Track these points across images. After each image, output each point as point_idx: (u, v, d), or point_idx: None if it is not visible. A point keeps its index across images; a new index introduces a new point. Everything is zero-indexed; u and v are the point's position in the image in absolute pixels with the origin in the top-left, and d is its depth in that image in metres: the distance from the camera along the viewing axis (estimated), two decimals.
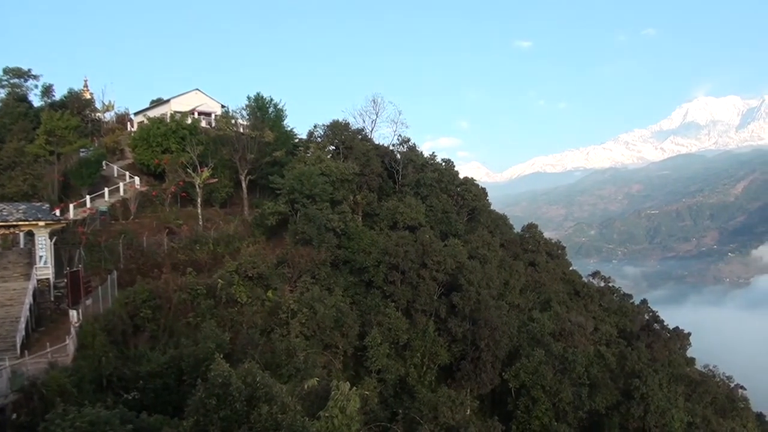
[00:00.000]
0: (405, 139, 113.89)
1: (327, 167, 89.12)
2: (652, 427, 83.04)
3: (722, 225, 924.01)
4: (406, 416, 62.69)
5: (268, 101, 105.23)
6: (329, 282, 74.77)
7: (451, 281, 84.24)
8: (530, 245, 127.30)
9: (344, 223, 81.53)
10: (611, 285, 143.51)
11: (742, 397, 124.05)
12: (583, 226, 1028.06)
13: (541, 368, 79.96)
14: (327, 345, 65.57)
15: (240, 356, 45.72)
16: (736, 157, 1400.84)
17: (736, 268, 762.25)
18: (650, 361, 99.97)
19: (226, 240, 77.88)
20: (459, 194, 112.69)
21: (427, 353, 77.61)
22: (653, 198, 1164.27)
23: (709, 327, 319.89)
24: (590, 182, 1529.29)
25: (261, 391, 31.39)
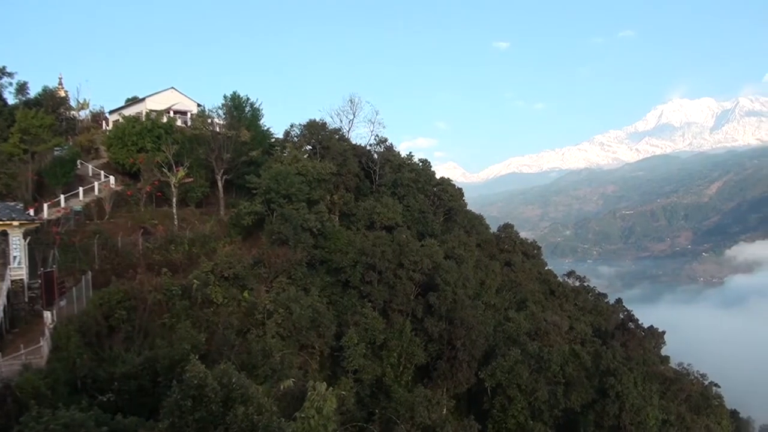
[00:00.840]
0: (382, 139, 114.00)
1: (303, 167, 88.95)
2: (627, 425, 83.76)
3: (696, 225, 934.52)
4: (382, 416, 62.80)
5: (244, 100, 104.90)
6: (306, 282, 74.57)
7: (428, 281, 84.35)
8: (506, 245, 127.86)
9: (321, 223, 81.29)
10: (586, 284, 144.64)
11: (716, 395, 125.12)
12: (559, 226, 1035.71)
13: (517, 367, 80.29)
14: (303, 345, 65.45)
15: (216, 357, 45.64)
16: (710, 159, 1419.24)
17: (710, 267, 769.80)
18: (625, 360, 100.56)
19: (202, 240, 77.48)
20: (436, 194, 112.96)
21: (404, 353, 77.58)
22: (628, 198, 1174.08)
23: (684, 326, 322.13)
24: (566, 183, 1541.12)
25: (237, 392, 31.28)
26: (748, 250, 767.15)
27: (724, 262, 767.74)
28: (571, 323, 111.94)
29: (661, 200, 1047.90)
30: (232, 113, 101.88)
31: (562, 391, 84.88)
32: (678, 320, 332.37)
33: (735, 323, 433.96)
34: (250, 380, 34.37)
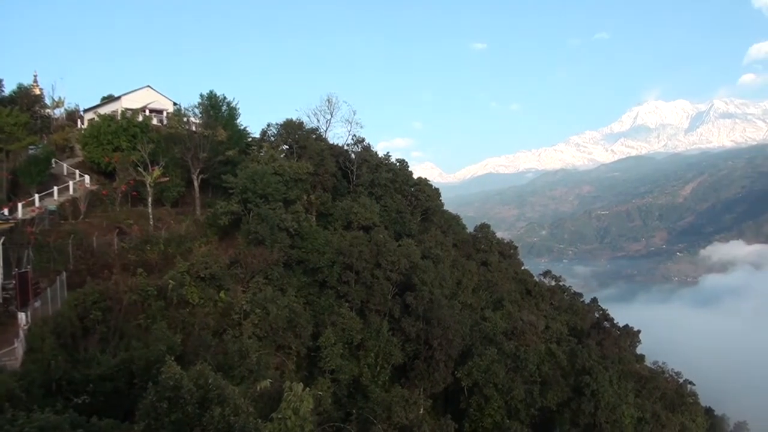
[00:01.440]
0: (360, 139, 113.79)
1: (280, 167, 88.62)
2: (603, 423, 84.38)
3: (671, 225, 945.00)
4: (359, 416, 62.82)
5: (221, 99, 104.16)
6: (282, 282, 74.35)
7: (405, 281, 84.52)
8: (483, 245, 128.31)
9: (298, 222, 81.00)
10: (562, 284, 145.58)
11: (690, 393, 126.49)
12: (535, 226, 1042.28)
13: (494, 367, 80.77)
14: (280, 346, 65.28)
15: (192, 358, 45.26)
16: (685, 160, 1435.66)
17: (685, 267, 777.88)
18: (600, 358, 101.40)
19: (178, 240, 77.02)
20: (413, 194, 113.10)
21: (381, 353, 77.60)
22: (603, 199, 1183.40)
23: (659, 325, 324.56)
24: (542, 183, 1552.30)
25: (213, 393, 31.12)
26: (722, 250, 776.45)
27: (699, 262, 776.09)
28: (547, 322, 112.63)
29: (636, 201, 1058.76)
30: (209, 112, 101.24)
31: (538, 389, 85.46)
32: (653, 319, 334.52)
33: (709, 322, 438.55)
34: (226, 381, 34.22)
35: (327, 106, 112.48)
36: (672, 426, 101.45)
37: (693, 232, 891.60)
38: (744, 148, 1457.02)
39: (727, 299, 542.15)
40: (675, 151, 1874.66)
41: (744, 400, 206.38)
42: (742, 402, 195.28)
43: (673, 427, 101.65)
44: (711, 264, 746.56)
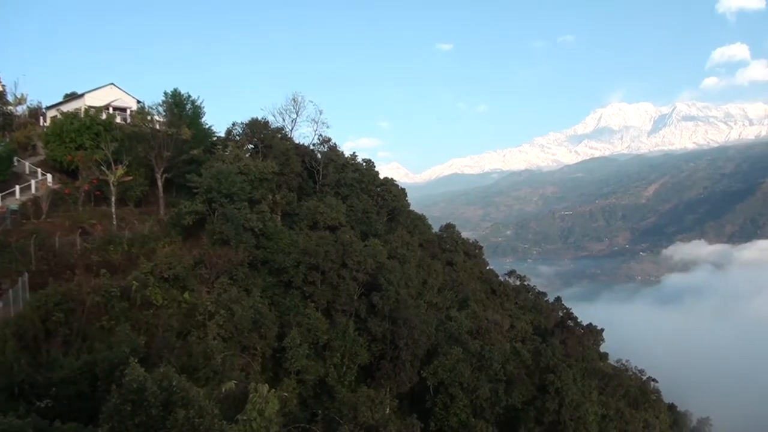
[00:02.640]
0: (326, 139, 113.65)
1: (245, 166, 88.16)
2: (567, 421, 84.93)
3: (634, 225, 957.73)
4: (325, 417, 62.54)
5: (185, 97, 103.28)
6: (247, 283, 73.98)
7: (371, 281, 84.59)
8: (448, 245, 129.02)
9: (263, 222, 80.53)
10: (526, 283, 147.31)
11: (654, 390, 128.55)
12: (500, 226, 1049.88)
13: (459, 366, 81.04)
14: (245, 347, 64.92)
15: (156, 360, 44.81)
16: (648, 161, 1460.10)
17: (647, 266, 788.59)
18: (564, 357, 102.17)
19: (141, 240, 76.14)
20: (379, 194, 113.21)
21: (347, 353, 77.55)
22: (567, 199, 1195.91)
23: (622, 323, 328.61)
24: (506, 184, 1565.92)
25: (177, 395, 30.87)
26: (684, 250, 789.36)
27: (661, 262, 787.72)
28: (512, 321, 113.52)
29: (599, 201, 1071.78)
30: (173, 110, 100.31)
31: (503, 388, 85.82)
32: (616, 318, 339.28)
33: (671, 321, 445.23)
34: (190, 383, 33.93)
35: (293, 105, 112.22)
36: (635, 422, 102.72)
37: (655, 232, 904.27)
38: (706, 150, 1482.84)
39: (688, 298, 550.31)
40: (638, 153, 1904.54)
41: (706, 396, 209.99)
42: (704, 398, 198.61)
43: (636, 423, 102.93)
44: (673, 264, 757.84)
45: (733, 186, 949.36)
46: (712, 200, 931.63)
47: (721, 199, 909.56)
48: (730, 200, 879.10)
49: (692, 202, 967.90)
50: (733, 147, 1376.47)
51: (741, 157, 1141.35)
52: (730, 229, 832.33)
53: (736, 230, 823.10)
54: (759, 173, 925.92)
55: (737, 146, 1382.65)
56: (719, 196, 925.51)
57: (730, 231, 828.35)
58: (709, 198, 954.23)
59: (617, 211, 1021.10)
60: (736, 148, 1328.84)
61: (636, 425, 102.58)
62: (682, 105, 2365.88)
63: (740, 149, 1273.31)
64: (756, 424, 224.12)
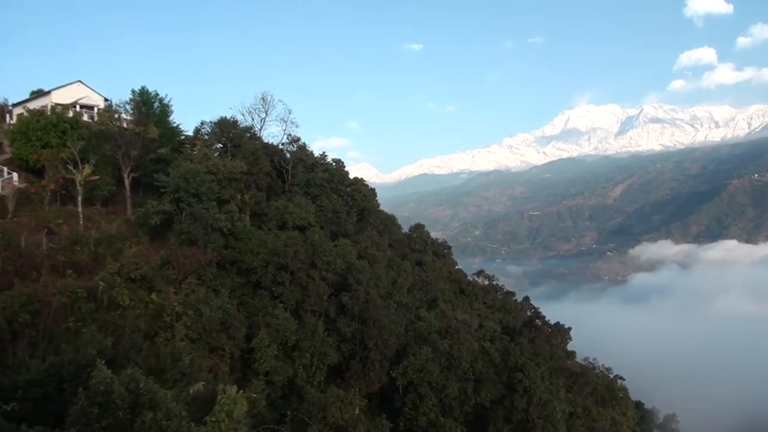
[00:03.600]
0: (295, 139, 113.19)
1: (214, 165, 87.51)
2: (535, 419, 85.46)
3: (601, 226, 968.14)
4: (294, 417, 62.33)
5: (153, 96, 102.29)
6: (215, 283, 73.56)
7: (341, 281, 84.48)
8: (417, 245, 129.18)
9: (231, 222, 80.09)
10: (495, 283, 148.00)
11: (621, 387, 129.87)
12: (469, 226, 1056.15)
13: (428, 365, 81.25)
14: (213, 348, 64.61)
15: (123, 362, 44.44)
16: (615, 162, 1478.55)
17: (614, 266, 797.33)
18: (532, 356, 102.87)
19: (108, 240, 75.42)
20: (349, 194, 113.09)
21: (316, 353, 77.32)
22: (535, 200, 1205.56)
23: (589, 322, 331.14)
24: (475, 184, 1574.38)
25: (145, 397, 30.66)
26: (650, 250, 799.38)
27: (628, 261, 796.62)
28: (481, 321, 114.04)
29: (567, 201, 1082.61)
30: (141, 109, 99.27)
31: (472, 387, 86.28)
32: (583, 317, 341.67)
33: (638, 319, 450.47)
34: (158, 385, 33.74)
35: (262, 104, 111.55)
36: (603, 420, 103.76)
37: (622, 232, 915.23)
38: (672, 152, 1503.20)
39: (654, 297, 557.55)
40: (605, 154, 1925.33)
41: (672, 394, 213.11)
42: (670, 395, 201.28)
43: (604, 421, 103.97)
44: (639, 263, 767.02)
45: (698, 187, 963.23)
46: (678, 201, 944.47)
47: (687, 199, 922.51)
48: (695, 201, 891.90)
49: (659, 202, 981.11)
50: (699, 149, 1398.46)
51: (707, 159, 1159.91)
52: (696, 229, 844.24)
53: (702, 230, 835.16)
54: (724, 174, 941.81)
55: (703, 148, 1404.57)
56: (685, 197, 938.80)
57: (695, 231, 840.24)
58: (675, 199, 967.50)
59: (584, 211, 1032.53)
60: (702, 149, 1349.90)
61: (603, 422, 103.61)
62: (649, 107, 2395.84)
63: (706, 151, 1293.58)
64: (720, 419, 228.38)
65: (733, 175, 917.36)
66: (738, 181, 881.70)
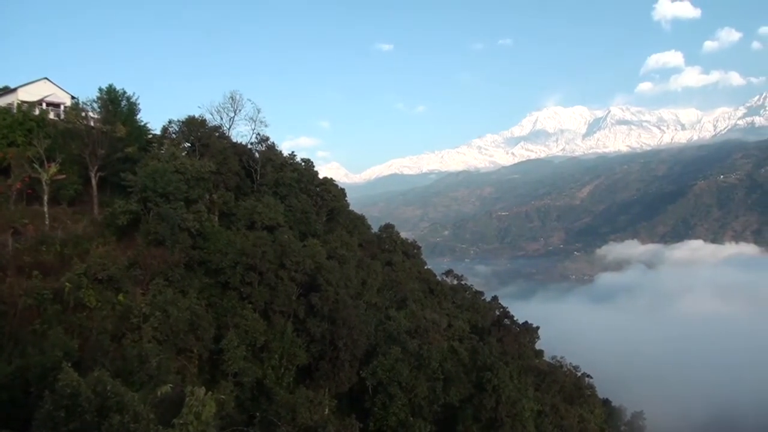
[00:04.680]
0: (264, 138, 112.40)
1: (182, 165, 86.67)
2: (504, 417, 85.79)
3: (568, 226, 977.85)
4: (263, 419, 62.15)
5: (120, 94, 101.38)
6: (183, 284, 72.99)
7: (310, 282, 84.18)
8: (387, 245, 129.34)
9: (199, 222, 79.60)
10: (464, 283, 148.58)
11: (588, 385, 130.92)
12: (438, 226, 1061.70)
13: (398, 365, 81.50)
14: (181, 349, 64.18)
15: (90, 364, 44.00)
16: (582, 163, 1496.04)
17: (582, 265, 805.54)
18: (501, 355, 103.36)
19: (75, 240, 74.56)
20: (318, 194, 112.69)
21: (286, 354, 77.08)
22: (504, 200, 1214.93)
23: (557, 321, 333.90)
24: (445, 184, 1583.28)
25: (112, 400, 30.40)
26: (617, 250, 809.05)
27: (595, 261, 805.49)
28: (450, 321, 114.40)
29: (535, 202, 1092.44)
30: (108, 107, 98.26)
31: (441, 386, 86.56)
32: (551, 316, 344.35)
33: (605, 318, 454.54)
34: (125, 387, 33.47)
35: (230, 103, 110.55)
36: (571, 418, 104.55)
37: (589, 232, 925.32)
38: (639, 153, 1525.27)
39: (621, 296, 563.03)
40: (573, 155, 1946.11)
41: (638, 391, 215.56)
42: (636, 393, 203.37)
43: (571, 418, 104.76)
44: (606, 263, 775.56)
45: (665, 188, 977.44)
46: (645, 201, 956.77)
47: (653, 200, 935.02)
48: (662, 202, 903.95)
49: (625, 203, 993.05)
50: (666, 150, 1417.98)
51: (673, 160, 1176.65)
52: (662, 229, 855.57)
53: (668, 230, 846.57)
54: (690, 176, 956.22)
55: (669, 150, 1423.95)
56: (652, 198, 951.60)
57: (662, 231, 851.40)
58: (641, 199, 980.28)
59: (552, 211, 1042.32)
60: (669, 151, 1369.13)
61: (571, 420, 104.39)
62: (616, 109, 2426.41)
63: (672, 153, 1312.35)
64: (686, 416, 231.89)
65: (698, 176, 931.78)
66: (704, 182, 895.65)
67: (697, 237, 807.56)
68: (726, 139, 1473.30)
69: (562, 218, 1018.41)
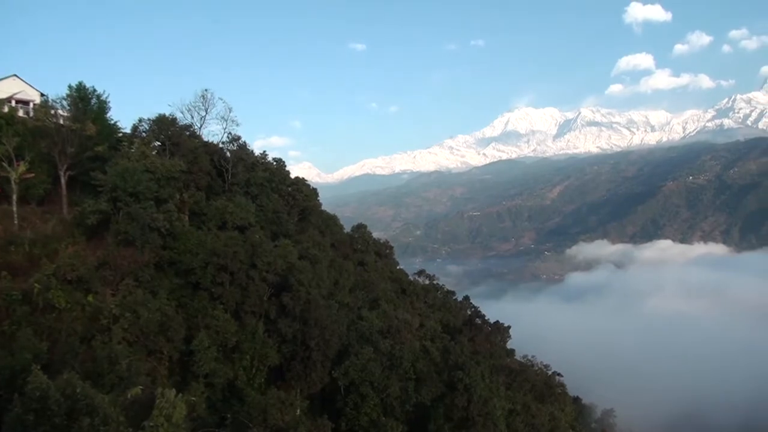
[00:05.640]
0: (235, 137, 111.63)
1: (152, 164, 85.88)
2: (476, 416, 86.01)
3: (539, 226, 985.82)
4: (234, 420, 62.00)
5: (90, 91, 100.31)
6: (153, 284, 72.34)
7: (282, 282, 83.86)
8: (360, 245, 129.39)
9: (170, 222, 78.77)
10: (436, 283, 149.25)
11: (559, 384, 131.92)
12: (410, 226, 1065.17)
13: (370, 365, 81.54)
14: (151, 351, 63.67)
15: (59, 366, 43.51)
16: (553, 164, 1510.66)
17: (552, 265, 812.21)
18: (473, 354, 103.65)
19: (44, 241, 73.68)
20: (290, 194, 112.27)
21: (257, 355, 76.77)
22: (475, 200, 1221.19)
23: (528, 320, 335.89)
24: (417, 185, 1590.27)
25: (82, 403, 30.12)
26: (587, 249, 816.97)
27: (565, 261, 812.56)
28: (422, 320, 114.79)
29: (506, 202, 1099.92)
30: (78, 105, 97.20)
31: (413, 386, 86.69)
32: (522, 315, 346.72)
33: (575, 317, 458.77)
34: (95, 390, 33.18)
35: (201, 102, 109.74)
36: (542, 416, 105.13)
37: (560, 232, 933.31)
38: (609, 154, 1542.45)
39: (590, 296, 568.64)
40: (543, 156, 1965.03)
41: (608, 389, 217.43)
42: (607, 390, 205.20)
43: (542, 417, 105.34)
44: (576, 263, 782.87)
45: (634, 189, 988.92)
46: (615, 202, 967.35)
47: (623, 201, 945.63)
48: (631, 202, 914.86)
49: (595, 203, 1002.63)
50: (636, 152, 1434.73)
51: (642, 162, 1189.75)
52: (632, 229, 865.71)
53: (637, 231, 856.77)
54: (659, 177, 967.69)
55: (639, 151, 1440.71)
56: (621, 198, 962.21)
57: (631, 231, 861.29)
58: (611, 200, 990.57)
59: (523, 212, 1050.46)
60: (638, 152, 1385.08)
61: (542, 418, 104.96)
62: (586, 111, 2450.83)
63: (642, 154, 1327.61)
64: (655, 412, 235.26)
65: (668, 177, 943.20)
66: (673, 183, 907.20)
67: (666, 237, 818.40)
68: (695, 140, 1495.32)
69: (533, 218, 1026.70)
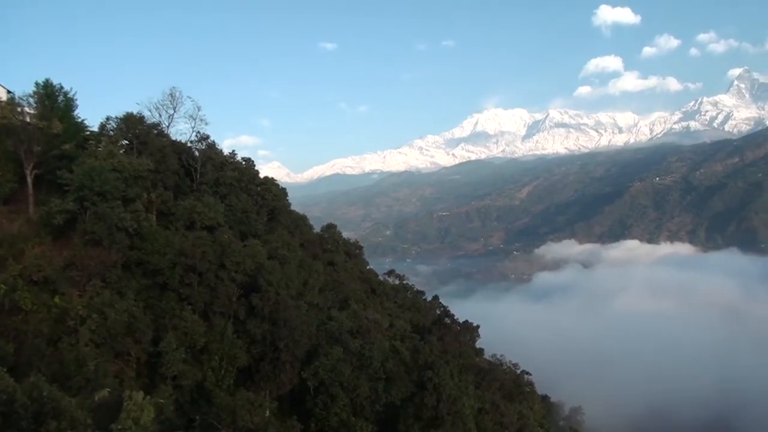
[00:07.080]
0: (204, 136, 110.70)
1: (119, 163, 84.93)
2: (445, 415, 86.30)
3: (508, 226, 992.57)
4: (203, 422, 61.75)
5: (57, 89, 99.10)
6: (121, 285, 71.62)
7: (251, 282, 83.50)
8: (329, 245, 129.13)
9: (137, 222, 77.96)
10: (405, 282, 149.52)
11: (527, 382, 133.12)
12: (380, 226, 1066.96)
13: (339, 365, 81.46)
14: (119, 352, 63.19)
15: (25, 369, 43.06)
16: (522, 165, 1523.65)
17: (521, 265, 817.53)
18: (442, 353, 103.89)
19: (10, 241, 72.59)
20: (259, 194, 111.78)
21: (226, 356, 76.41)
22: (444, 200, 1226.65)
23: (496, 319, 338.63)
24: (387, 185, 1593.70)
25: (48, 406, 29.78)
26: (555, 249, 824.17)
27: (533, 260, 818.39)
28: (392, 320, 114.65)
29: (475, 202, 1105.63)
30: (44, 102, 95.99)
31: (382, 386, 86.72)
32: (491, 314, 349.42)
33: (543, 316, 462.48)
34: (62, 392, 32.84)
35: (170, 100, 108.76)
36: (510, 414, 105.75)
37: (528, 232, 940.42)
38: (577, 155, 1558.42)
39: (558, 295, 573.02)
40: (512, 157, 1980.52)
41: (576, 387, 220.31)
42: (574, 389, 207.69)
43: (511, 415, 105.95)
44: (544, 262, 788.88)
45: (602, 189, 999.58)
46: (583, 202, 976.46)
47: (590, 201, 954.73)
48: (599, 203, 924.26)
49: (563, 204, 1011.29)
50: (603, 153, 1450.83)
51: (610, 162, 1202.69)
52: (599, 229, 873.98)
53: (605, 231, 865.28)
54: (627, 178, 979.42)
55: (607, 152, 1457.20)
56: (589, 199, 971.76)
57: (599, 231, 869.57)
58: (579, 200, 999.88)
59: (492, 212, 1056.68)
60: (606, 153, 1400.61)
61: (511, 417, 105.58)
62: (555, 112, 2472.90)
63: (609, 155, 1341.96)
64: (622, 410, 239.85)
65: (635, 178, 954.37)
66: (640, 184, 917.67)
67: (633, 237, 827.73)
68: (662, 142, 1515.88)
69: (502, 218, 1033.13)
